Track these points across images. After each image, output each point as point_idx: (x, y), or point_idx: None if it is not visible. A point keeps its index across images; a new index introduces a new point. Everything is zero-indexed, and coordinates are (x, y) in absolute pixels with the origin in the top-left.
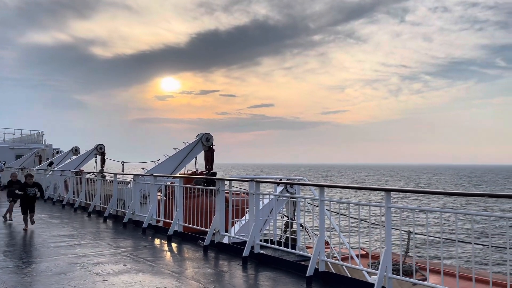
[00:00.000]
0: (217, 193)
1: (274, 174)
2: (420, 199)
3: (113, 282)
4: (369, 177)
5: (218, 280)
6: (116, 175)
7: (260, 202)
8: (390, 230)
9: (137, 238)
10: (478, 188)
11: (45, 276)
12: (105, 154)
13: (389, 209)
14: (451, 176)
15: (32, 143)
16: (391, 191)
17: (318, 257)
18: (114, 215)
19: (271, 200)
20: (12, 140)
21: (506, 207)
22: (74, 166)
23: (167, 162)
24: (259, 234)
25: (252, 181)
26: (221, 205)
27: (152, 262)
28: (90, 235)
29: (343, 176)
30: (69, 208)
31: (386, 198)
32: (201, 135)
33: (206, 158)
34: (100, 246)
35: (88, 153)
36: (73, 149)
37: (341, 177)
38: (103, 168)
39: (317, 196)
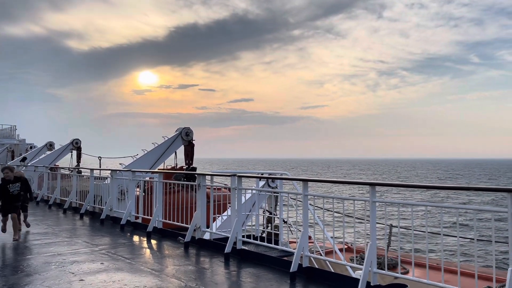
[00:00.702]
0: (198, 188)
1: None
2: (403, 193)
3: (90, 282)
4: (350, 171)
5: (200, 277)
6: (93, 170)
7: (242, 197)
8: (375, 224)
9: (115, 235)
10: (455, 181)
11: (18, 277)
12: (81, 149)
13: (374, 203)
14: (428, 170)
15: (4, 138)
16: (376, 185)
17: (302, 252)
18: (91, 212)
19: (253, 195)
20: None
21: (486, 199)
22: (48, 162)
23: (146, 157)
24: (242, 229)
25: (234, 176)
26: (202, 201)
27: (131, 260)
28: (66, 232)
29: (324, 170)
30: (44, 205)
31: (370, 192)
32: (180, 129)
33: (186, 152)
34: (76, 244)
35: (63, 148)
36: (48, 144)
37: (322, 171)
38: (79, 164)
39: (300, 191)
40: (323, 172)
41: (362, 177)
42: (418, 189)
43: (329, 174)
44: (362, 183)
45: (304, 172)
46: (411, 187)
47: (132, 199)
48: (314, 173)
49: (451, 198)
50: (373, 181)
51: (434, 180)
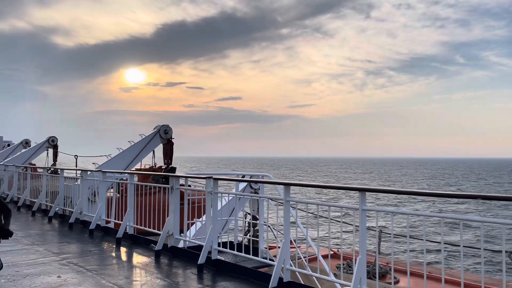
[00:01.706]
0: (171, 191)
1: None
2: (391, 198)
3: None
4: (337, 171)
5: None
6: (63, 170)
7: (219, 201)
8: (365, 235)
9: (82, 242)
10: (442, 181)
11: None
12: (57, 147)
13: (364, 211)
14: (416, 170)
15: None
16: (366, 191)
17: (283, 265)
18: (61, 215)
19: (232, 199)
20: None
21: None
22: (22, 160)
23: (121, 156)
24: (218, 237)
25: (209, 179)
26: (175, 205)
27: (94, 271)
28: (29, 238)
29: (312, 169)
30: (13, 207)
31: (360, 199)
32: (159, 127)
33: (165, 152)
34: (36, 252)
35: (39, 146)
36: (23, 142)
37: (309, 170)
38: (55, 163)
39: (282, 195)
40: (312, 171)
41: (351, 176)
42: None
43: (317, 173)
44: (350, 189)
45: (291, 171)
46: (406, 193)
47: (102, 202)
48: (302, 171)
49: (444, 203)
50: (363, 187)
51: (421, 180)
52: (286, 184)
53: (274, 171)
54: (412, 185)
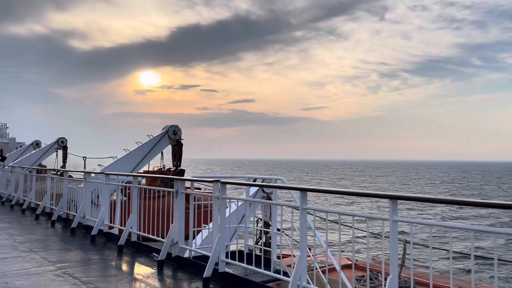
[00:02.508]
0: (176, 196)
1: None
2: (420, 206)
3: None
4: (352, 174)
5: None
6: (67, 172)
7: (230, 206)
8: (396, 251)
9: (82, 249)
10: (461, 184)
11: None
12: (67, 149)
13: (396, 223)
14: (432, 173)
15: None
16: (398, 198)
17: (299, 282)
18: (64, 219)
19: (242, 205)
20: None
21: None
22: (32, 162)
23: (127, 158)
24: (226, 247)
25: (217, 182)
26: (180, 211)
27: (90, 284)
28: (27, 244)
29: (327, 172)
30: (18, 209)
31: (391, 208)
32: (167, 127)
33: (174, 153)
34: (31, 260)
35: (48, 147)
36: (34, 143)
37: (324, 173)
38: (64, 164)
39: (298, 202)
40: (327, 174)
41: (367, 179)
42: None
43: (333, 176)
44: (380, 196)
45: (306, 174)
46: (443, 202)
47: (105, 206)
48: (317, 174)
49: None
50: (395, 194)
51: (440, 184)
52: (302, 189)
53: (288, 174)
54: (431, 190)
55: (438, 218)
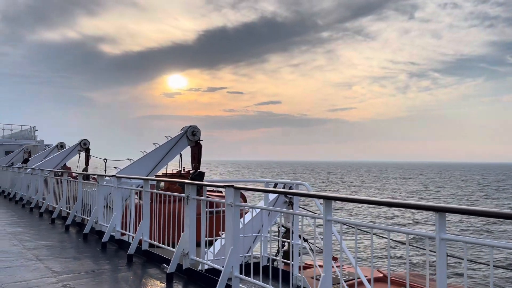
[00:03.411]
0: (186, 202)
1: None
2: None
3: None
4: (382, 176)
5: None
6: (81, 175)
7: (252, 212)
8: (444, 272)
9: (91, 257)
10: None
11: None
12: (89, 151)
13: (444, 242)
14: (465, 176)
15: (24, 139)
16: (447, 211)
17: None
18: (79, 223)
19: (259, 213)
20: (2, 136)
21: None
22: (54, 164)
23: (144, 160)
24: (242, 259)
25: (229, 187)
26: (191, 218)
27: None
28: (35, 251)
29: (355, 174)
30: (37, 212)
31: (439, 223)
32: (186, 128)
33: (193, 155)
34: (35, 270)
35: (71, 149)
36: (59, 145)
37: (353, 175)
38: (87, 166)
39: (322, 212)
40: (354, 176)
41: (398, 181)
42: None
43: (362, 179)
44: (425, 208)
45: (334, 176)
46: (499, 217)
47: (117, 211)
48: (345, 177)
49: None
50: (442, 205)
51: (478, 188)
52: (326, 197)
53: (316, 176)
54: (471, 196)
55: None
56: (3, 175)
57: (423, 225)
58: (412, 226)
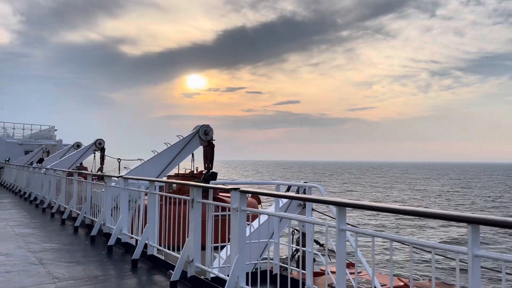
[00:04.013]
0: (192, 205)
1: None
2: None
3: None
4: (406, 176)
5: None
6: (90, 175)
7: (255, 221)
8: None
9: (95, 262)
10: None
11: None
12: (104, 150)
13: (478, 259)
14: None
15: (43, 138)
16: (480, 223)
17: None
18: (88, 225)
19: (269, 219)
20: (22, 136)
21: None
22: (69, 163)
23: (155, 160)
24: (247, 269)
25: (235, 190)
26: (196, 223)
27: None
28: (39, 255)
29: (377, 174)
30: (49, 212)
31: (471, 238)
32: (198, 128)
33: (205, 155)
34: (35, 275)
35: (86, 149)
36: (75, 145)
37: (373, 176)
38: (102, 166)
39: (336, 219)
40: (377, 177)
41: (421, 182)
42: None
43: (384, 180)
44: (457, 219)
45: (354, 176)
46: None
47: (124, 214)
48: (365, 177)
49: None
50: (476, 216)
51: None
52: (340, 204)
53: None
54: (500, 198)
55: None
56: (20, 174)
57: (455, 230)
58: (440, 232)
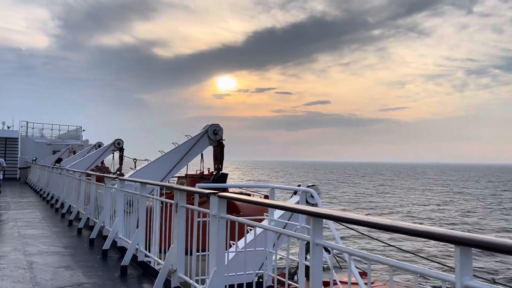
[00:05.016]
0: (176, 210)
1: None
2: None
3: None
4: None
5: None
6: (94, 175)
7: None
8: None
9: (85, 268)
10: None
11: None
12: (123, 150)
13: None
14: None
15: (70, 138)
16: (472, 245)
17: None
18: (91, 227)
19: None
20: (51, 136)
21: None
22: (88, 164)
23: (162, 160)
24: (230, 281)
25: (213, 195)
26: (180, 229)
27: None
28: (32, 258)
29: (410, 176)
30: (61, 212)
31: (459, 263)
32: (207, 127)
33: (215, 155)
34: (19, 282)
35: (104, 149)
36: (96, 145)
37: (406, 177)
38: (121, 166)
39: (311, 231)
40: (410, 178)
41: (456, 183)
42: None
43: (421, 181)
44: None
45: (386, 179)
46: None
47: (119, 216)
48: (398, 179)
49: None
50: (467, 235)
51: None
52: (314, 214)
53: (368, 179)
54: None
55: None
56: (42, 174)
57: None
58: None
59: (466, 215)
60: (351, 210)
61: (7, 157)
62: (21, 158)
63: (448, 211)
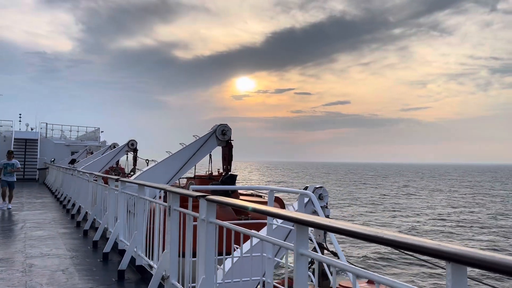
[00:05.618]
0: (169, 214)
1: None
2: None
3: None
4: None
5: None
6: (100, 176)
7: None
8: None
9: (83, 271)
10: None
11: None
12: (137, 151)
13: None
14: None
15: (89, 140)
16: (468, 264)
17: None
18: (97, 229)
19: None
20: (70, 137)
21: None
22: (102, 165)
23: (169, 161)
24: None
25: (202, 198)
26: (173, 234)
27: None
28: (32, 261)
29: (435, 177)
30: (71, 213)
31: (452, 283)
32: (215, 127)
33: (223, 156)
34: (12, 285)
35: (118, 150)
36: (112, 146)
37: (430, 179)
38: (135, 167)
39: (295, 240)
40: (435, 179)
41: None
42: None
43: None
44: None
45: (409, 180)
46: None
47: (120, 219)
48: (421, 180)
49: None
50: (460, 250)
51: None
52: (299, 221)
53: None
54: None
55: None
56: (58, 175)
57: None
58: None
59: (497, 218)
60: (375, 212)
61: (27, 158)
62: (40, 159)
63: (477, 214)
